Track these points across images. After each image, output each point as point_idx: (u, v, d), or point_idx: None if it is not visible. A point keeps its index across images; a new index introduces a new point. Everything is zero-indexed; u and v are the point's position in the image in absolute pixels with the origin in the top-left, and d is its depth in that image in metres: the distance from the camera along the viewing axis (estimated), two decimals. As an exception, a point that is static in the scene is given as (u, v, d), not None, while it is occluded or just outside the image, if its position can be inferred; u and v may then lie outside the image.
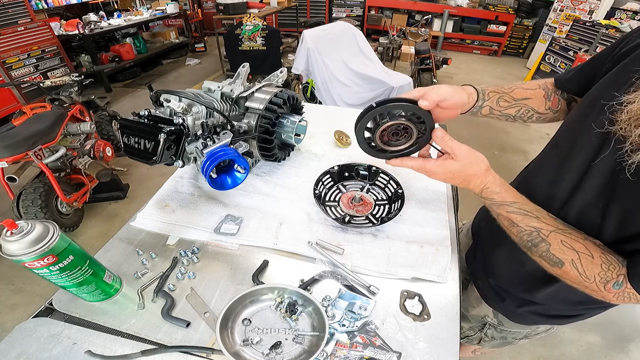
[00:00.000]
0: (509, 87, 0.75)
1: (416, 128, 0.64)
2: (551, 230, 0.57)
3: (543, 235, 0.57)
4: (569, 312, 0.77)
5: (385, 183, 0.98)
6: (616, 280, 0.51)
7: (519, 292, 0.78)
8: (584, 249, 0.54)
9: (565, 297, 0.70)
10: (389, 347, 0.62)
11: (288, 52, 5.66)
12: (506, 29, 6.51)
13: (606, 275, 0.52)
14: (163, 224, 0.87)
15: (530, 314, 0.81)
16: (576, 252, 0.54)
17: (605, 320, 1.93)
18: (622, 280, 0.51)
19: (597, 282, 0.53)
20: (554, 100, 0.76)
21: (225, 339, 0.59)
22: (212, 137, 0.78)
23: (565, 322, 0.80)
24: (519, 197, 0.61)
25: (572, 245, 0.55)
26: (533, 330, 0.89)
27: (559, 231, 0.57)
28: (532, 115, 0.76)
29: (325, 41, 3.39)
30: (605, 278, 0.52)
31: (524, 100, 0.74)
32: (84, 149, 2.28)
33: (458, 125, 3.93)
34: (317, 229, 0.86)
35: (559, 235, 0.56)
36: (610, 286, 0.52)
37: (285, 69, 1.08)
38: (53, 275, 0.58)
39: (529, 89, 0.76)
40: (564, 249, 0.55)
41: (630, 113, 0.47)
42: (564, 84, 0.75)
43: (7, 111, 3.52)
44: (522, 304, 0.79)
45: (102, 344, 0.61)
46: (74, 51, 4.59)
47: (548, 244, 0.57)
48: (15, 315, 1.84)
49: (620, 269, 0.51)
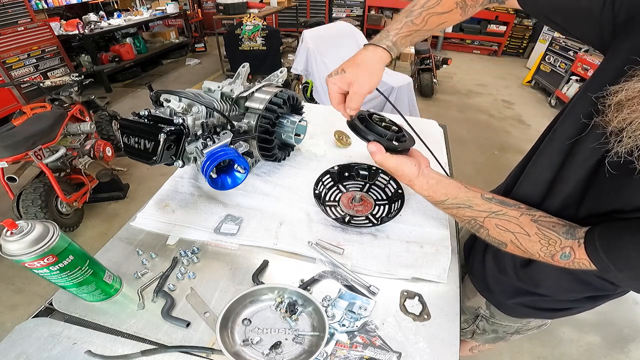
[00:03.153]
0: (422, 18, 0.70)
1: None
2: (485, 217, 0.60)
3: (479, 222, 0.61)
4: (558, 305, 0.77)
5: (385, 183, 0.98)
6: (562, 252, 0.53)
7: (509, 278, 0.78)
8: (519, 228, 0.57)
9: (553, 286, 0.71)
10: (389, 347, 0.62)
11: (288, 52, 5.66)
12: (506, 29, 6.52)
13: (548, 250, 0.54)
14: (163, 224, 0.87)
15: (519, 306, 0.81)
16: (512, 233, 0.57)
17: (605, 320, 1.93)
18: (569, 252, 0.52)
19: (543, 256, 0.55)
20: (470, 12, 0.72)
21: (225, 339, 0.59)
22: (212, 137, 0.78)
23: (555, 315, 0.81)
24: (451, 192, 0.65)
25: (507, 227, 0.58)
26: (524, 325, 0.90)
27: (492, 215, 0.60)
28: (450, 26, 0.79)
29: (325, 41, 3.38)
30: (549, 252, 0.54)
31: (439, 25, 0.72)
32: (84, 149, 2.28)
33: (458, 125, 3.93)
34: (317, 229, 0.86)
35: (493, 219, 0.60)
36: (558, 258, 0.54)
37: (285, 69, 1.08)
38: (53, 275, 0.58)
39: (444, 13, 0.70)
40: (500, 232, 0.59)
41: (616, 101, 0.47)
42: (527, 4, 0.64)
43: (7, 111, 3.52)
44: (512, 295, 0.80)
45: (102, 344, 0.61)
46: (74, 51, 4.59)
47: (486, 229, 0.61)
48: (15, 315, 1.84)
49: (563, 241, 0.53)
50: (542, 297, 0.76)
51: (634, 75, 0.47)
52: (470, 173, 3.02)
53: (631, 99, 0.45)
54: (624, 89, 0.46)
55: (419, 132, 0.77)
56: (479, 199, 0.63)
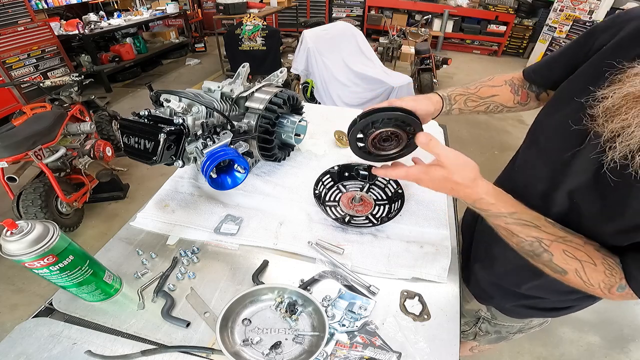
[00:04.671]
0: (475, 87, 0.78)
1: (405, 132, 0.67)
2: (552, 240, 0.55)
3: (545, 245, 0.56)
4: (560, 305, 0.77)
5: (385, 183, 0.98)
6: (620, 284, 0.51)
7: (509, 285, 0.78)
8: (586, 257, 0.53)
9: (553, 288, 0.70)
10: (389, 347, 0.62)
11: (288, 52, 5.66)
12: (506, 29, 6.51)
13: (610, 280, 0.52)
14: (163, 224, 0.87)
15: (522, 308, 0.81)
16: (579, 262, 0.53)
17: (605, 320, 1.93)
18: (625, 284, 0.51)
19: (602, 288, 0.53)
20: (522, 95, 0.78)
21: (225, 339, 0.59)
22: (212, 137, 0.78)
23: (557, 314, 0.81)
24: (516, 206, 0.58)
25: (575, 254, 0.54)
26: (527, 324, 0.90)
27: (560, 240, 0.56)
28: (502, 109, 0.80)
29: (325, 41, 3.38)
30: (609, 283, 0.52)
31: (490, 97, 0.78)
32: (84, 149, 2.28)
33: (458, 125, 3.93)
34: (317, 229, 0.86)
35: (561, 244, 0.55)
36: (615, 290, 0.52)
37: (285, 69, 1.08)
38: (53, 275, 0.58)
39: (495, 86, 0.78)
40: (567, 258, 0.54)
41: (604, 108, 0.47)
42: (533, 78, 0.76)
43: (7, 111, 3.52)
44: (512, 299, 0.80)
45: (102, 344, 0.61)
46: (74, 51, 4.59)
47: (550, 254, 0.55)
48: (15, 315, 1.84)
49: (621, 272, 0.52)
50: (543, 299, 0.76)
51: (615, 81, 0.48)
52: (470, 173, 3.02)
53: (619, 107, 0.46)
54: (609, 96, 0.47)
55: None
56: (544, 220, 0.57)
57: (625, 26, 0.53)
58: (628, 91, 0.45)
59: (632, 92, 0.44)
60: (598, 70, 0.52)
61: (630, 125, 0.44)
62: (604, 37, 0.56)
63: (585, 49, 0.59)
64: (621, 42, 0.52)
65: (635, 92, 0.44)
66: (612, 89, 0.47)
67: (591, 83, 0.52)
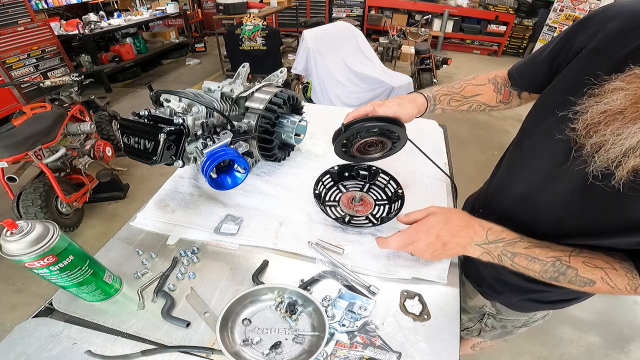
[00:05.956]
0: (460, 85, 0.81)
1: (388, 138, 0.73)
2: (568, 255, 0.56)
3: (565, 261, 0.56)
4: (565, 297, 0.78)
5: (385, 183, 0.98)
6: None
7: (512, 279, 0.78)
8: (604, 263, 0.54)
9: None
10: (389, 347, 0.62)
11: (288, 52, 5.67)
12: (506, 29, 6.51)
13: (633, 283, 0.53)
14: (163, 224, 0.87)
15: (528, 302, 0.81)
16: (601, 269, 0.54)
17: (605, 320, 1.93)
18: None
19: (628, 290, 0.54)
20: (505, 93, 0.80)
21: (225, 339, 0.59)
22: (212, 137, 0.78)
23: (564, 305, 0.82)
24: (515, 233, 0.61)
25: (594, 263, 0.55)
26: (531, 317, 0.90)
27: (574, 253, 0.56)
28: (485, 108, 0.82)
29: (325, 41, 3.38)
30: (634, 285, 0.53)
31: (474, 97, 0.80)
32: (84, 149, 2.28)
33: (458, 125, 3.93)
34: (317, 229, 0.86)
35: (578, 257, 0.56)
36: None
37: (285, 69, 1.08)
38: (53, 275, 0.58)
39: (478, 85, 0.81)
40: (590, 269, 0.55)
41: (584, 122, 0.49)
42: (519, 83, 0.77)
43: (7, 111, 3.52)
44: (520, 294, 0.80)
45: (102, 344, 0.61)
46: (74, 51, 4.59)
47: (574, 269, 0.56)
48: (15, 315, 1.84)
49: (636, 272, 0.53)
50: (548, 292, 0.76)
51: (593, 94, 0.49)
52: (471, 173, 3.02)
53: (597, 123, 0.47)
54: (587, 110, 0.48)
55: (420, 132, 0.78)
56: (548, 242, 0.59)
57: (604, 27, 0.53)
58: (605, 108, 0.46)
59: (609, 110, 0.46)
60: (578, 78, 0.53)
61: (607, 142, 0.45)
62: (582, 38, 0.56)
63: (565, 51, 0.60)
64: (600, 46, 0.52)
65: (612, 110, 0.45)
66: (590, 103, 0.49)
67: (571, 93, 0.53)
